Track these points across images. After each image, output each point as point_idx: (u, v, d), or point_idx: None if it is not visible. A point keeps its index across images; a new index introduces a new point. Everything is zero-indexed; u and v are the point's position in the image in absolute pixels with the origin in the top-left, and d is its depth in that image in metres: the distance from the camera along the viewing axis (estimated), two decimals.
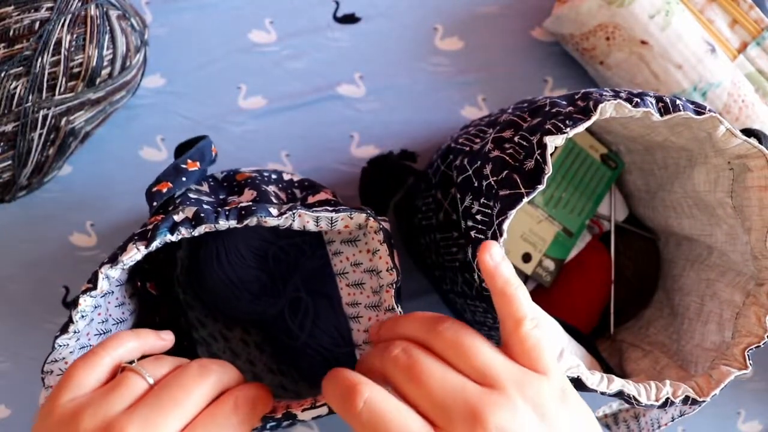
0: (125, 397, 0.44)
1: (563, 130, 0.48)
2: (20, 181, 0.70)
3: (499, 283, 0.45)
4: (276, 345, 0.71)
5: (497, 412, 0.40)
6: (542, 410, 0.42)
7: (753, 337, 0.56)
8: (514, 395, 0.41)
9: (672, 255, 0.72)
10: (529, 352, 0.44)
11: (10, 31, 0.66)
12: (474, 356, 0.43)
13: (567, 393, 0.44)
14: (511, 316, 0.45)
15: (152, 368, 0.46)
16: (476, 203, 0.51)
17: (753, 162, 0.55)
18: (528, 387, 0.42)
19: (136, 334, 0.50)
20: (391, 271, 0.53)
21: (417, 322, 0.46)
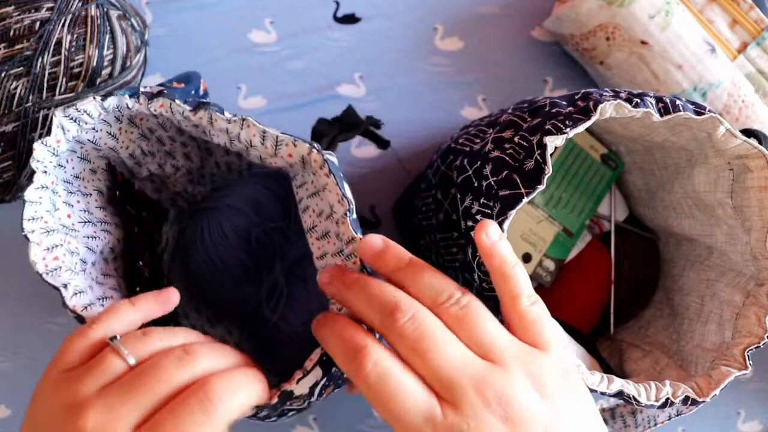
0: (100, 377, 0.42)
1: (563, 130, 0.48)
2: (20, 182, 0.70)
3: (497, 262, 0.45)
4: (257, 344, 0.71)
5: (500, 387, 0.41)
6: (543, 387, 0.42)
7: (753, 337, 0.56)
8: (517, 371, 0.42)
9: (672, 255, 0.72)
10: (530, 327, 0.44)
11: (10, 31, 0.66)
12: (479, 332, 0.43)
13: (568, 371, 0.45)
14: (508, 293, 0.45)
15: (137, 346, 0.44)
16: (476, 203, 0.51)
17: (753, 162, 0.55)
18: (530, 363, 0.43)
19: (133, 304, 0.48)
20: (342, 201, 0.52)
21: (423, 284, 0.45)
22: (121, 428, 0.40)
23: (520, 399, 0.41)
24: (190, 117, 0.52)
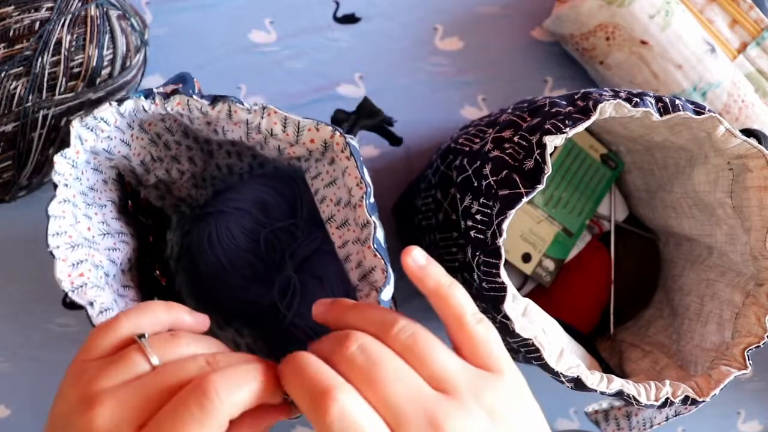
0: (120, 373, 0.42)
1: (563, 130, 0.48)
2: (20, 181, 0.70)
3: (431, 285, 0.44)
4: (269, 344, 0.71)
5: (453, 421, 0.39)
6: (496, 414, 0.41)
7: (753, 337, 0.56)
8: (469, 401, 0.40)
9: (672, 255, 0.72)
10: (479, 349, 0.43)
11: (10, 31, 0.66)
12: (429, 362, 0.41)
13: (521, 394, 0.44)
14: (451, 315, 0.44)
15: (164, 348, 0.43)
16: (476, 203, 0.51)
17: (753, 162, 0.55)
18: (482, 390, 0.41)
19: (168, 307, 0.47)
20: (360, 184, 0.52)
21: (370, 319, 0.44)
22: (130, 427, 0.40)
23: (471, 429, 0.40)
24: (209, 112, 0.52)
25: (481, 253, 0.49)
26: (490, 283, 0.49)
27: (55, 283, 0.78)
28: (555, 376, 0.51)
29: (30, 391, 0.80)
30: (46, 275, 0.78)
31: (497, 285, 0.49)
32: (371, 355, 0.41)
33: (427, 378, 0.41)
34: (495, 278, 0.49)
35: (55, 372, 0.79)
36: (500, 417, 0.41)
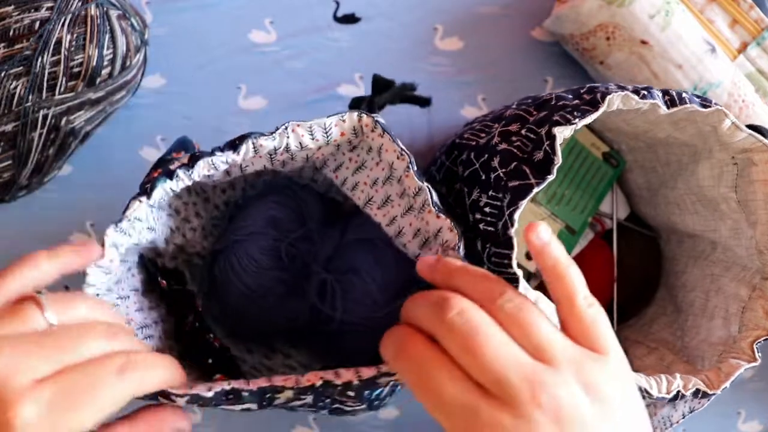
0: (14, 326, 0.41)
1: (572, 121, 0.48)
2: (20, 181, 0.69)
3: (549, 263, 0.45)
4: (323, 352, 0.70)
5: (551, 388, 0.40)
6: (595, 391, 0.41)
7: (761, 330, 0.56)
8: (570, 375, 0.41)
9: (674, 252, 0.72)
10: (587, 331, 0.43)
11: (10, 30, 0.66)
12: (533, 333, 0.42)
13: (626, 381, 0.44)
14: (564, 295, 0.44)
15: (62, 309, 0.43)
16: (484, 196, 0.51)
17: (758, 156, 0.56)
18: (585, 368, 0.41)
19: (50, 254, 0.46)
20: (402, 156, 0.51)
21: (478, 285, 0.44)
22: (24, 378, 0.39)
23: (572, 404, 0.40)
24: (234, 160, 0.50)
25: (492, 245, 0.49)
26: (502, 274, 0.49)
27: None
28: None
29: None
30: None
31: (509, 276, 0.49)
32: (471, 321, 0.41)
33: (529, 347, 0.41)
34: (507, 269, 0.48)
35: None
36: (600, 396, 0.41)
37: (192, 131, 0.78)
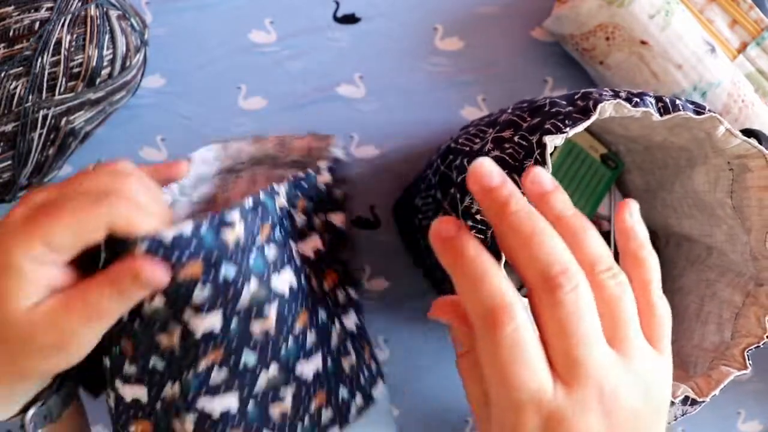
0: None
1: (563, 129, 0.48)
2: (20, 181, 0.70)
3: (634, 245, 0.44)
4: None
5: (616, 382, 0.39)
6: (650, 392, 0.40)
7: (752, 337, 0.56)
8: (636, 369, 0.40)
9: (672, 255, 0.72)
10: (653, 323, 0.43)
11: (10, 31, 0.66)
12: (622, 318, 0.41)
13: (669, 384, 0.44)
14: (639, 279, 0.43)
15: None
16: (476, 203, 0.51)
17: (753, 162, 0.55)
18: (648, 364, 0.41)
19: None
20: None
21: (587, 248, 0.41)
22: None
23: (629, 399, 0.39)
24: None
25: None
26: None
27: None
28: None
29: None
30: None
31: None
32: (578, 301, 0.39)
33: (610, 329, 0.40)
34: None
35: None
36: (652, 394, 0.41)
37: (192, 131, 0.79)
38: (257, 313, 0.49)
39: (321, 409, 0.54)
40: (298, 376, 0.53)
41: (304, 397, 0.53)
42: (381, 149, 0.81)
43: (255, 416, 0.51)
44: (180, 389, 0.49)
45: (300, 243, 0.54)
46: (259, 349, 0.50)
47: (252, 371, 0.50)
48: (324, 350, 0.55)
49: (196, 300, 0.46)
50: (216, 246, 0.46)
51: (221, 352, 0.49)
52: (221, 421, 0.50)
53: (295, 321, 0.52)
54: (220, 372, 0.49)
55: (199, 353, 0.48)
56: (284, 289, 0.51)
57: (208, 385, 0.49)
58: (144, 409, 0.51)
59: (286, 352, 0.52)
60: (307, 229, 0.55)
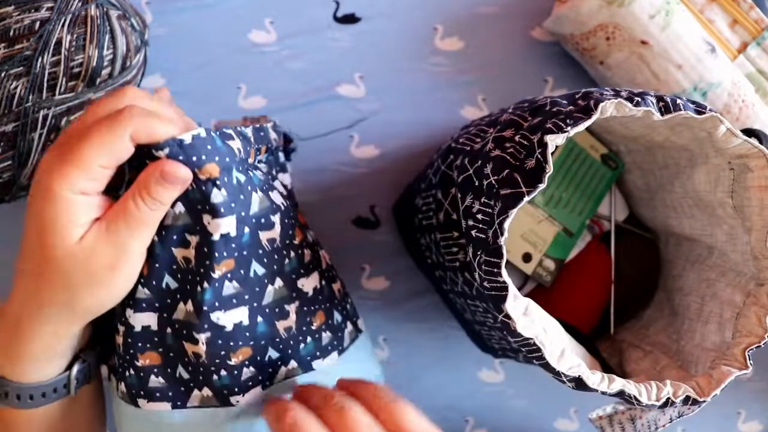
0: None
1: (564, 129, 0.48)
2: (20, 181, 0.69)
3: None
4: None
5: None
6: None
7: (753, 337, 0.56)
8: None
9: (672, 255, 0.72)
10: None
11: (10, 31, 0.66)
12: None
13: None
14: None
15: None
16: (477, 203, 0.51)
17: (753, 162, 0.55)
18: None
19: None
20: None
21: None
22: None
23: None
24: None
25: (483, 252, 0.49)
26: (492, 283, 0.49)
27: None
28: (556, 375, 0.51)
29: None
30: None
31: (499, 284, 0.49)
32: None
33: None
34: (496, 278, 0.48)
35: None
36: None
37: None
38: (265, 223, 0.55)
39: (321, 329, 0.59)
40: (300, 289, 0.58)
41: (306, 313, 0.58)
42: (381, 149, 0.81)
43: (263, 331, 0.56)
44: (193, 306, 0.53)
45: (280, 174, 0.62)
46: (266, 259, 0.55)
47: (260, 283, 0.55)
48: (319, 269, 0.60)
49: (214, 200, 0.50)
50: (227, 152, 0.50)
51: (233, 261, 0.53)
52: (233, 336, 0.54)
53: (294, 235, 0.58)
54: (232, 284, 0.53)
55: (213, 261, 0.51)
56: (279, 204, 0.57)
57: (221, 296, 0.53)
58: (153, 338, 0.54)
59: (290, 266, 0.57)
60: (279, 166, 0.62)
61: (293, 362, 0.57)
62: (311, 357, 0.59)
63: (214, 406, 0.56)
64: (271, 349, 0.56)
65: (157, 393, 0.55)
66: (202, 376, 0.55)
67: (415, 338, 0.82)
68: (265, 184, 0.56)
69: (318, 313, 0.59)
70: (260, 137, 0.59)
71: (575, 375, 0.51)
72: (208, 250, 0.51)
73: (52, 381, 0.54)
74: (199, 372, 0.55)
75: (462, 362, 0.82)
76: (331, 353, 0.60)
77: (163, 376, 0.55)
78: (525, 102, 0.59)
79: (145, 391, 0.55)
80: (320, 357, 0.59)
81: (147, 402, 0.55)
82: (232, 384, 0.55)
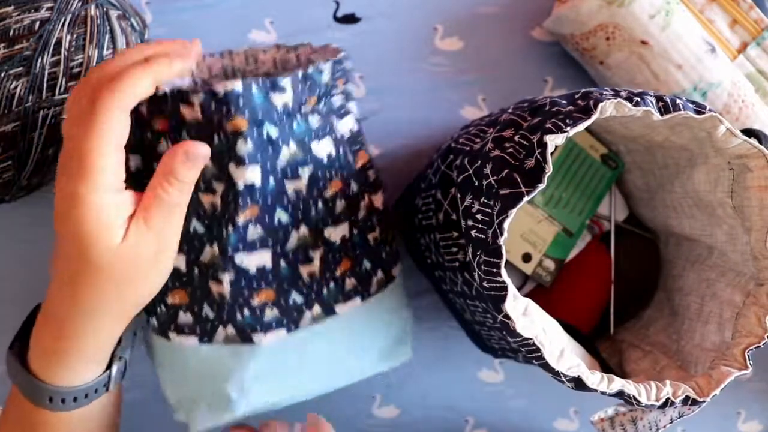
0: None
1: (563, 129, 0.48)
2: (20, 181, 0.69)
3: None
4: None
5: None
6: None
7: (753, 337, 0.56)
8: None
9: (672, 255, 0.72)
10: None
11: (10, 31, 0.66)
12: None
13: None
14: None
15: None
16: (476, 203, 0.51)
17: (753, 162, 0.55)
18: None
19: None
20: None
21: None
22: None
23: None
24: None
25: (482, 252, 0.49)
26: (491, 283, 0.49)
27: None
28: (555, 375, 0.51)
29: None
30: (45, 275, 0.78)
31: (498, 284, 0.49)
32: None
33: None
34: (496, 278, 0.49)
35: None
36: None
37: None
38: (292, 174, 0.56)
39: (345, 276, 0.61)
40: (327, 238, 0.59)
41: (331, 261, 0.60)
42: (381, 149, 0.81)
43: (286, 274, 0.59)
44: (219, 248, 0.56)
45: (338, 121, 0.61)
46: (292, 208, 0.57)
47: (284, 229, 0.57)
48: (351, 219, 0.61)
49: (239, 151, 0.52)
50: (262, 107, 0.52)
51: (258, 208, 0.55)
52: (256, 277, 0.57)
53: (327, 187, 0.59)
54: (256, 229, 0.56)
55: (238, 207, 0.54)
56: (322, 155, 0.58)
57: (245, 241, 0.56)
58: (182, 278, 0.58)
59: (316, 214, 0.59)
60: (343, 110, 0.62)
61: (317, 307, 0.60)
62: (335, 301, 0.61)
63: (237, 343, 0.59)
64: (294, 292, 0.59)
65: (185, 328, 0.59)
66: (226, 315, 0.58)
67: (415, 338, 0.82)
68: (309, 133, 0.57)
69: (344, 260, 0.61)
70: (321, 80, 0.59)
71: (575, 375, 0.51)
72: (234, 197, 0.54)
73: (95, 382, 0.55)
74: (224, 311, 0.58)
75: (462, 362, 0.82)
76: (354, 298, 0.62)
77: (191, 313, 0.59)
78: (525, 102, 0.59)
79: (175, 326, 0.60)
80: (342, 301, 0.61)
81: (177, 335, 0.60)
82: (254, 323, 0.58)
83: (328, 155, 0.58)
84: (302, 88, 0.55)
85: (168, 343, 0.61)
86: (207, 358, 0.60)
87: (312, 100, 0.56)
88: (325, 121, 0.58)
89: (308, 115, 0.57)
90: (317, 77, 0.56)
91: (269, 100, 0.53)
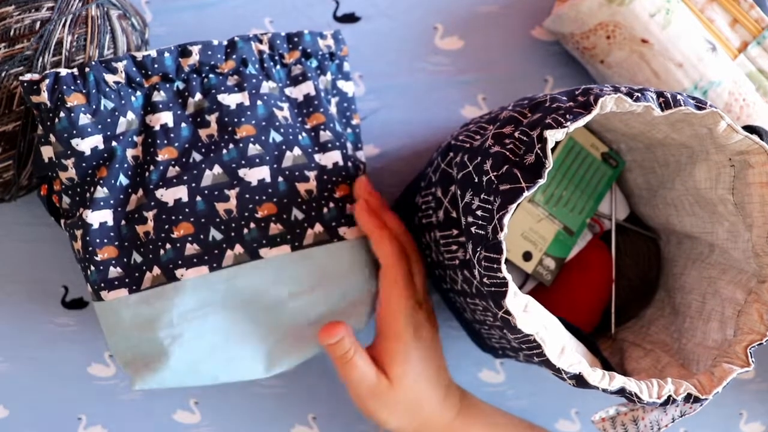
0: None
1: (564, 124, 0.48)
2: (20, 181, 0.69)
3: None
4: None
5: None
6: None
7: (755, 334, 0.56)
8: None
9: (673, 254, 0.72)
10: None
11: (10, 30, 0.66)
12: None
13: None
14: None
15: None
16: (477, 199, 0.51)
17: (754, 158, 0.55)
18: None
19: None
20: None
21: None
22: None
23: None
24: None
25: (482, 248, 0.49)
26: (491, 279, 0.49)
27: (55, 284, 0.78)
28: (556, 373, 0.51)
29: (29, 392, 0.79)
30: (45, 275, 0.78)
31: (498, 280, 0.49)
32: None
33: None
34: (496, 273, 0.48)
35: (54, 372, 0.79)
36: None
37: None
38: (201, 123, 0.66)
39: (269, 221, 0.65)
40: (241, 178, 0.65)
41: (248, 201, 0.65)
42: (381, 148, 0.81)
43: (203, 209, 0.64)
44: (143, 191, 0.64)
45: (291, 87, 0.71)
46: (205, 150, 0.65)
47: (198, 169, 0.64)
48: (272, 165, 0.66)
49: (154, 99, 0.65)
50: (170, 68, 0.66)
51: (175, 151, 0.65)
52: (175, 210, 0.63)
53: (236, 131, 0.65)
54: (174, 169, 0.65)
55: (156, 147, 0.64)
56: (231, 104, 0.66)
57: (165, 178, 0.64)
58: (110, 233, 0.64)
59: (228, 156, 0.65)
60: (300, 76, 0.71)
61: (239, 247, 0.65)
62: (257, 244, 0.65)
63: (163, 284, 0.64)
64: (213, 229, 0.64)
65: (115, 282, 0.64)
66: (151, 254, 0.64)
67: None
68: (225, 87, 0.67)
69: (265, 204, 0.65)
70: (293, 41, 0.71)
71: (576, 372, 0.51)
72: (152, 140, 0.64)
73: None
74: (149, 251, 0.64)
75: (462, 362, 0.82)
76: (280, 245, 0.65)
77: (120, 266, 0.64)
78: (525, 99, 0.59)
79: (106, 283, 0.64)
80: (267, 245, 0.65)
81: (108, 292, 0.64)
82: (176, 257, 0.64)
83: (239, 105, 0.66)
84: (214, 52, 0.66)
85: (103, 304, 0.64)
86: (137, 307, 0.64)
87: (230, 63, 0.67)
88: (251, 83, 0.67)
89: (226, 76, 0.67)
90: (242, 45, 0.67)
91: (179, 61, 0.66)
